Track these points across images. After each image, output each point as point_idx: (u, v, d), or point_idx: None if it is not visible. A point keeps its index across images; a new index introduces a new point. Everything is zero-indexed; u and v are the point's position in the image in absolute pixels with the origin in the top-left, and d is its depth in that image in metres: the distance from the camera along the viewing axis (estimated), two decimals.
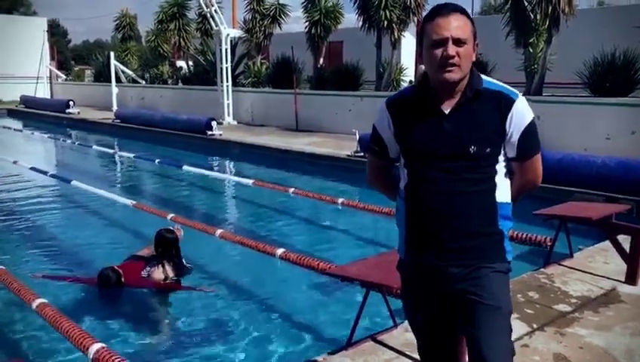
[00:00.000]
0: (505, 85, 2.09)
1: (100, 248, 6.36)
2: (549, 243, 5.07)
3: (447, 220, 2.03)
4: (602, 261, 5.03)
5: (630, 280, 4.50)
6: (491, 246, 2.08)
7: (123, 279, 4.93)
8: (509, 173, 2.16)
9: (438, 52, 1.97)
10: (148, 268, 5.06)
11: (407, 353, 3.35)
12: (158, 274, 5.04)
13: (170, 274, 5.10)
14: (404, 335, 3.55)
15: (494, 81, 2.11)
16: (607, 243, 5.10)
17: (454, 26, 1.97)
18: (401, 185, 2.20)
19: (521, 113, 2.05)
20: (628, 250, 4.61)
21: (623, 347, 3.47)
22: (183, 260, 5.29)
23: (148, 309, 4.90)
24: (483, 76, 2.09)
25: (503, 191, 2.11)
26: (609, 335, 3.62)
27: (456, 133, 2.01)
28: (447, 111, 2.04)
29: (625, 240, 4.74)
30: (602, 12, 19.39)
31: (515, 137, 2.06)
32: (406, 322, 3.65)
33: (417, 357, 3.19)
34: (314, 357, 3.44)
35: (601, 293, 4.34)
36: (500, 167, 2.09)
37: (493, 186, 2.07)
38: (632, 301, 4.21)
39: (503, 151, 2.09)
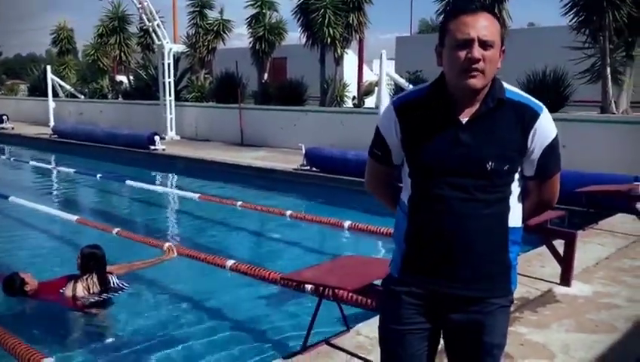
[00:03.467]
0: (529, 97, 1.89)
1: (43, 263, 6.18)
2: None
3: (454, 245, 1.85)
4: (539, 265, 5.32)
5: (564, 281, 4.79)
6: (498, 276, 1.92)
7: (27, 288, 4.83)
8: (523, 194, 1.97)
9: (462, 54, 1.75)
10: (66, 286, 4.88)
11: (360, 355, 3.45)
12: (68, 291, 4.83)
13: (80, 292, 4.79)
14: (356, 338, 3.66)
15: (518, 91, 1.90)
16: (543, 249, 5.39)
17: (482, 25, 1.75)
18: (403, 196, 2.00)
19: (545, 128, 1.85)
20: (562, 254, 4.91)
21: (559, 342, 3.70)
22: (113, 278, 4.99)
23: (90, 323, 4.76)
24: (506, 85, 1.88)
25: (516, 215, 1.92)
26: (547, 332, 3.86)
27: (472, 146, 1.81)
28: (464, 121, 1.83)
29: (559, 245, 5.05)
30: (533, 32, 20.41)
31: (536, 154, 1.87)
32: (358, 325, 3.81)
33: (370, 358, 3.35)
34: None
35: (539, 294, 4.60)
36: (515, 187, 1.91)
37: (507, 209, 1.89)
38: (567, 301, 4.48)
39: (520, 169, 1.91)
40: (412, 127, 1.89)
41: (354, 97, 17.36)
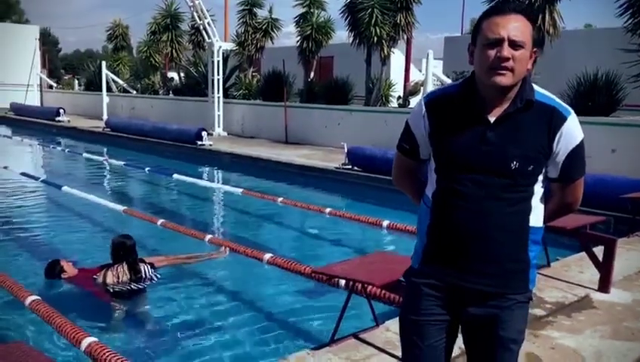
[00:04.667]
0: (558, 100, 1.91)
1: (90, 252, 6.45)
2: None
3: (475, 241, 1.89)
4: (577, 270, 5.23)
5: (603, 288, 4.70)
6: (517, 273, 1.95)
7: (64, 276, 5.17)
8: (546, 195, 1.99)
9: (492, 52, 1.80)
10: (98, 274, 5.10)
11: (387, 350, 3.50)
12: (100, 278, 5.04)
13: (110, 280, 4.97)
14: (385, 334, 3.70)
15: (548, 93, 1.92)
16: (582, 254, 5.30)
17: (513, 26, 1.79)
18: (427, 191, 2.05)
19: (572, 132, 1.88)
20: (601, 260, 4.82)
21: (591, 348, 3.65)
22: (145, 268, 5.16)
23: (127, 308, 4.92)
24: (535, 87, 1.91)
25: (538, 215, 1.96)
26: (579, 338, 3.81)
27: (499, 145, 1.85)
28: (492, 120, 1.87)
29: (599, 251, 4.95)
30: (588, 34, 19.87)
31: (561, 157, 1.90)
32: (387, 322, 3.85)
33: (397, 354, 3.39)
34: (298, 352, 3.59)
35: (575, 300, 4.53)
36: (538, 188, 1.94)
37: (529, 209, 1.92)
38: (604, 307, 4.40)
39: (544, 171, 1.93)
40: (440, 123, 1.95)
41: (399, 97, 17.31)
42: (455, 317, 2.02)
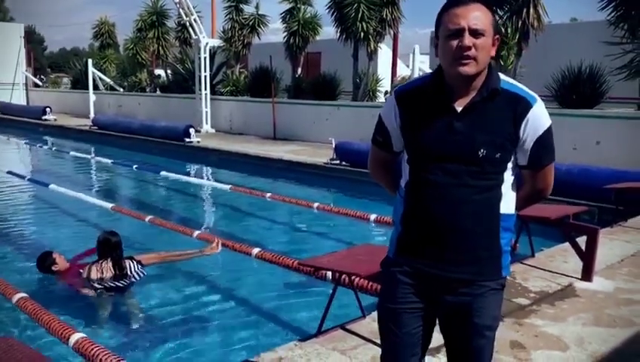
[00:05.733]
0: (524, 88, 1.95)
1: (79, 249, 6.41)
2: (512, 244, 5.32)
3: (445, 229, 1.92)
4: (562, 260, 5.30)
5: (586, 277, 4.78)
6: (489, 260, 1.97)
7: (55, 268, 5.13)
8: (517, 183, 2.02)
9: (454, 43, 1.84)
10: (84, 269, 5.05)
11: (374, 340, 3.54)
12: (85, 274, 4.98)
13: (94, 275, 4.90)
14: (371, 325, 3.74)
15: (513, 81, 1.97)
16: (567, 245, 5.37)
17: (473, 15, 1.84)
18: (401, 182, 2.08)
19: (538, 119, 1.91)
20: (584, 249, 4.89)
21: (574, 335, 3.72)
22: (131, 265, 5.02)
23: (116, 303, 4.93)
24: (501, 75, 1.96)
25: (509, 202, 1.98)
26: (562, 325, 3.88)
27: (466, 134, 1.89)
28: (459, 110, 1.91)
29: (583, 241, 5.02)
30: (572, 27, 20.01)
31: (529, 144, 1.93)
32: (373, 312, 3.88)
33: None
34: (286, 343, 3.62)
35: (558, 289, 4.60)
36: (508, 176, 1.96)
37: (499, 196, 1.94)
38: (587, 295, 4.48)
39: (513, 158, 1.96)
40: (410, 114, 2.00)
41: (386, 92, 17.36)
42: (431, 304, 2.04)
